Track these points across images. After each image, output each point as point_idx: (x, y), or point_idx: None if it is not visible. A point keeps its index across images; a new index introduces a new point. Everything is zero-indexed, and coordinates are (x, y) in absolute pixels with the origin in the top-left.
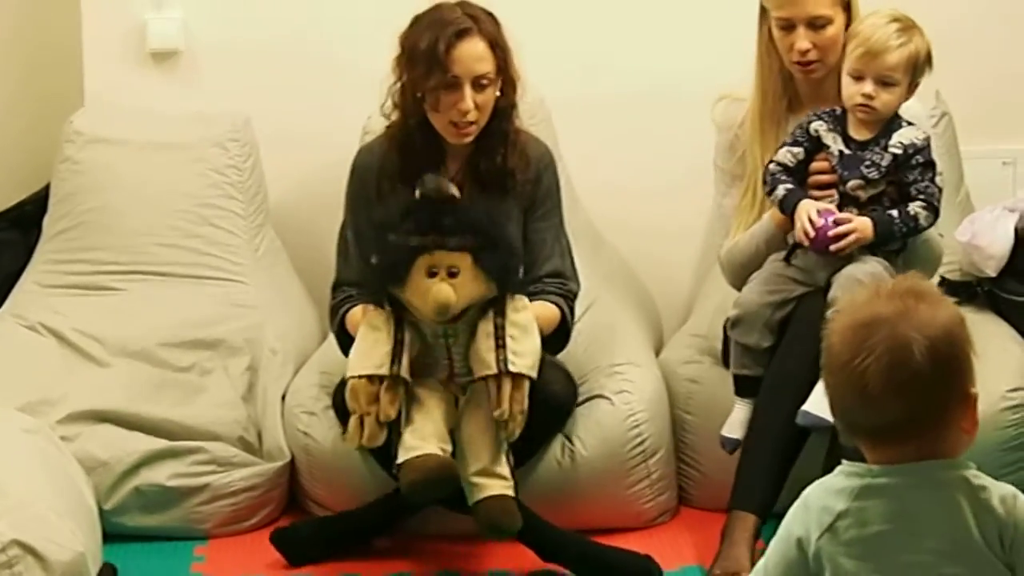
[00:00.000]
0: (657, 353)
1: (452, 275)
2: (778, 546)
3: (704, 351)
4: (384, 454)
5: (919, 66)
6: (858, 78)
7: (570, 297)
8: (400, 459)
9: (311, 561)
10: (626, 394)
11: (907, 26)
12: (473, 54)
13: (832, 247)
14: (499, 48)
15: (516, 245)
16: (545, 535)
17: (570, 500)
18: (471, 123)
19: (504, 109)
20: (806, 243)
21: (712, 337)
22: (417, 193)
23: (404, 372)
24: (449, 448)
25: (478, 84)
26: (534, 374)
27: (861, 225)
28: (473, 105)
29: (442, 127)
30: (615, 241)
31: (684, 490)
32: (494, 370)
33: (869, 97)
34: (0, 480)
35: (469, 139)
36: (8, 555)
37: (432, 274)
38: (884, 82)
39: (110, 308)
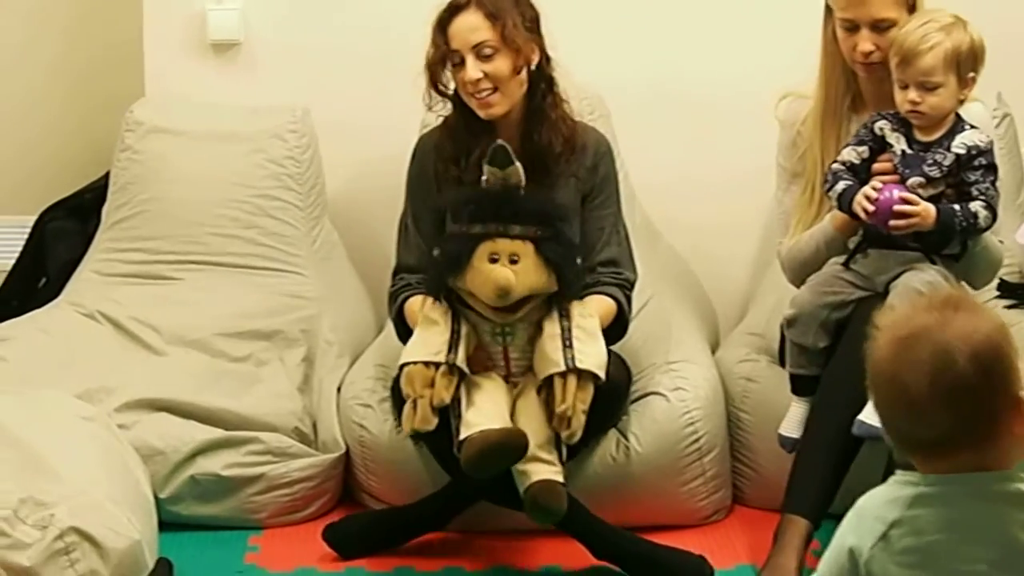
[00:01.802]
0: (713, 351)
1: (513, 262)
2: (831, 556)
3: (760, 349)
4: (439, 446)
5: (963, 61)
6: (903, 86)
7: (626, 287)
8: (462, 436)
9: (364, 555)
10: (682, 391)
11: (944, 24)
12: (467, 26)
13: (891, 222)
14: (499, 18)
15: (576, 237)
16: (597, 532)
17: (624, 497)
18: (488, 92)
19: (536, 84)
20: (864, 216)
21: (769, 336)
22: (485, 170)
23: (460, 362)
24: (510, 426)
25: (481, 54)
26: (602, 375)
27: (924, 209)
28: (481, 74)
29: (471, 105)
30: (672, 238)
31: (739, 488)
32: (562, 367)
33: (915, 103)
34: (58, 467)
35: (494, 110)
36: (66, 541)
37: (493, 260)
38: (925, 86)
39: (167, 297)
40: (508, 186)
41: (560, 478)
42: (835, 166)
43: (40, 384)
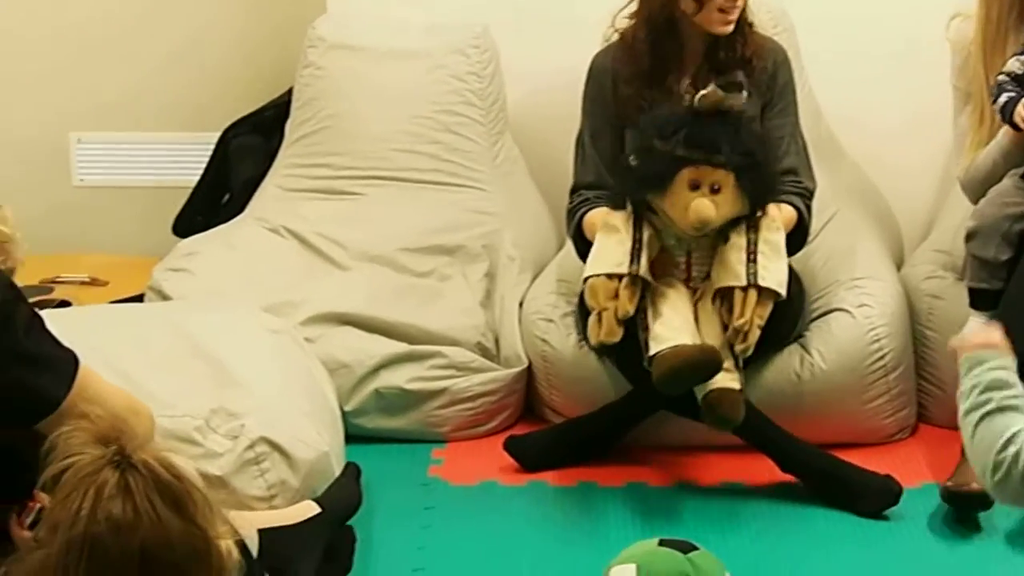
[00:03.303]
0: (898, 268)
1: (714, 191)
2: None
3: (947, 266)
4: (625, 358)
5: None
6: None
7: (806, 195)
8: (652, 351)
9: (546, 468)
10: (867, 308)
11: None
12: None
13: None
14: None
15: (775, 165)
16: (782, 444)
17: (807, 414)
18: (736, 7)
19: None
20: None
21: (955, 253)
22: (695, 101)
23: (643, 271)
24: (699, 340)
25: None
26: (783, 292)
27: None
28: None
29: (706, 18)
30: (855, 150)
31: (923, 407)
32: (743, 282)
33: None
34: (247, 379)
35: (731, 28)
36: (256, 451)
37: (694, 187)
38: None
39: (350, 213)
40: (722, 111)
41: (737, 385)
42: (1000, 77)
43: (226, 298)
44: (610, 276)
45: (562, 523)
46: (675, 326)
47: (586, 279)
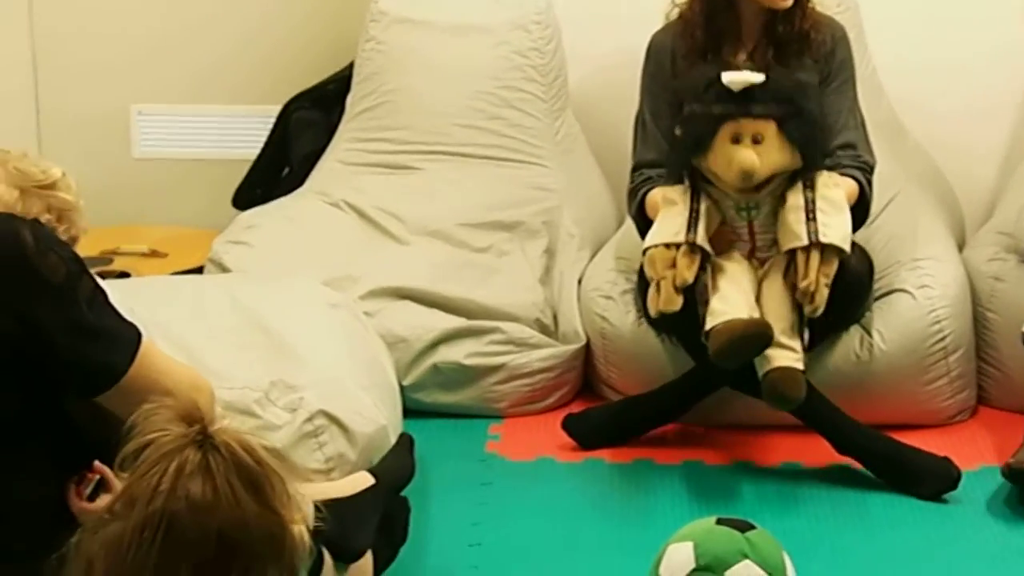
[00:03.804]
0: (959, 249)
1: (756, 142)
2: None
3: (1010, 249)
4: (685, 333)
5: None
6: None
7: (866, 169)
8: (708, 326)
9: (603, 446)
10: (928, 289)
11: None
12: None
13: None
14: None
15: (819, 114)
16: (840, 426)
17: (867, 394)
18: None
19: None
20: None
21: (1019, 235)
22: (726, 79)
23: (700, 239)
24: (757, 315)
25: None
26: (847, 247)
27: None
28: None
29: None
30: (917, 132)
31: (983, 389)
32: (804, 241)
33: None
34: (307, 352)
35: (789, 2)
36: (315, 424)
37: (736, 141)
38: None
39: (410, 187)
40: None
41: (800, 365)
42: None
43: (286, 271)
44: (668, 246)
45: (619, 501)
46: (732, 301)
47: (645, 251)
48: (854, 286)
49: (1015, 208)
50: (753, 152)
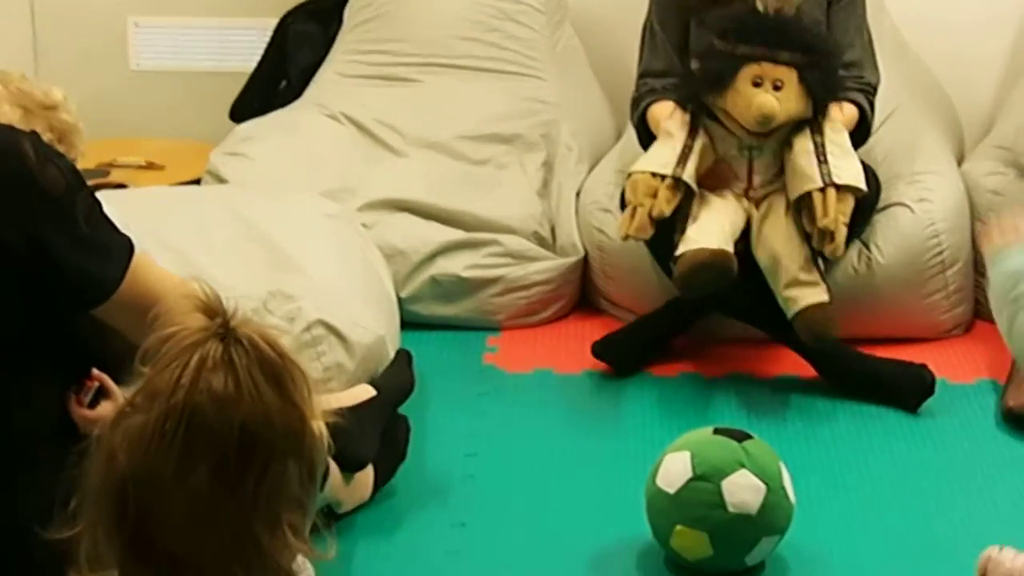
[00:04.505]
0: (958, 163)
1: (776, 88)
2: None
3: (1008, 163)
4: (665, 254)
5: None
6: None
7: (869, 91)
8: (678, 251)
9: (637, 369)
10: (926, 203)
11: None
12: None
13: None
14: None
15: (838, 64)
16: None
17: (864, 308)
18: None
19: None
20: None
21: (1018, 149)
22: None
23: (688, 176)
24: (731, 249)
25: None
26: (863, 186)
27: None
28: None
29: None
30: (918, 45)
31: (980, 304)
32: (819, 183)
33: None
34: (305, 262)
35: None
36: (312, 334)
37: (756, 84)
38: None
39: (408, 99)
40: (781, 10)
41: (826, 297)
42: None
43: (284, 183)
44: (654, 175)
45: (615, 412)
46: (706, 231)
47: (630, 174)
48: (860, 207)
49: (1014, 123)
50: (773, 97)
